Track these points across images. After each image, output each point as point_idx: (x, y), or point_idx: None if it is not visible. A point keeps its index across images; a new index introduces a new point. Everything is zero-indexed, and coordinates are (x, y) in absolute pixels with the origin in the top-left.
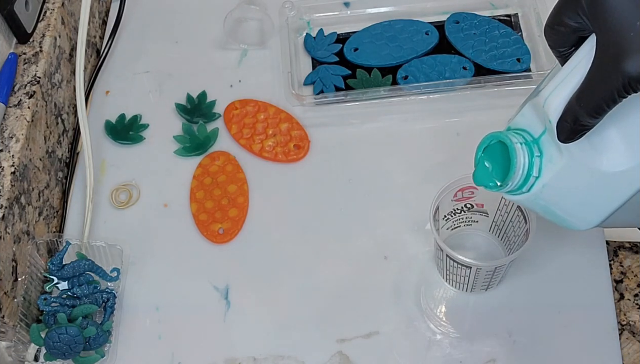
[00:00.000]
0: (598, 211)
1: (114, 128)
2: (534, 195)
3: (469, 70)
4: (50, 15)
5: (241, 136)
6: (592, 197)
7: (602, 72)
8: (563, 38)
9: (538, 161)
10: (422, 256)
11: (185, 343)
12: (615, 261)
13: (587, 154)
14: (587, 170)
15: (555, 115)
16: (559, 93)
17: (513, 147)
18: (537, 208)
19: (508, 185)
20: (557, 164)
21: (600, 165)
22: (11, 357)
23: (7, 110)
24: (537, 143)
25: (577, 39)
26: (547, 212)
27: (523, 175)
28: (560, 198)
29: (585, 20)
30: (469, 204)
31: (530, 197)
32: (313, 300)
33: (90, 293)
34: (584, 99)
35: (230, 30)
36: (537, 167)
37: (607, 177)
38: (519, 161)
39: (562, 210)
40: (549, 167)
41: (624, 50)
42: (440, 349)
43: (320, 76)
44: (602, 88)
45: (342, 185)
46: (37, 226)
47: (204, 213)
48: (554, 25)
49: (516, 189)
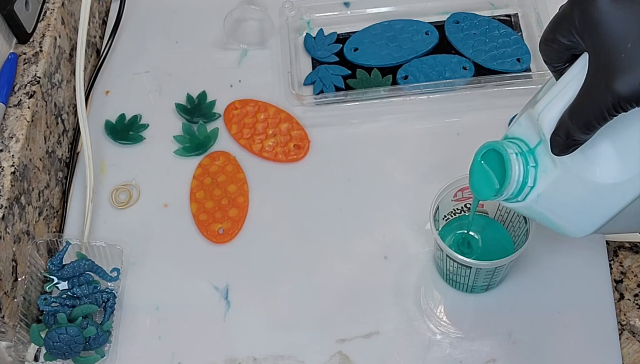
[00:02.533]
0: (592, 221)
1: (114, 128)
2: (529, 204)
3: (469, 70)
4: (50, 15)
5: (241, 136)
6: (586, 207)
7: (593, 90)
8: (557, 54)
9: (533, 171)
10: (422, 256)
11: (185, 343)
12: (615, 261)
13: (581, 166)
14: (581, 182)
15: (549, 129)
16: (552, 108)
17: (509, 157)
18: (532, 215)
19: (503, 194)
20: (551, 175)
21: (594, 177)
22: (11, 357)
23: (7, 110)
24: (532, 154)
25: (571, 56)
26: (543, 219)
27: (518, 184)
28: (555, 207)
29: (578, 39)
30: (469, 204)
31: (526, 206)
32: (313, 300)
33: (90, 293)
34: (576, 115)
35: (230, 30)
36: (532, 177)
37: (600, 189)
38: (514, 171)
39: (557, 218)
40: (544, 178)
41: (614, 70)
42: (440, 349)
43: (320, 76)
44: (593, 106)
45: (342, 185)
46: (37, 226)
47: (204, 213)
48: (548, 42)
49: (511, 198)
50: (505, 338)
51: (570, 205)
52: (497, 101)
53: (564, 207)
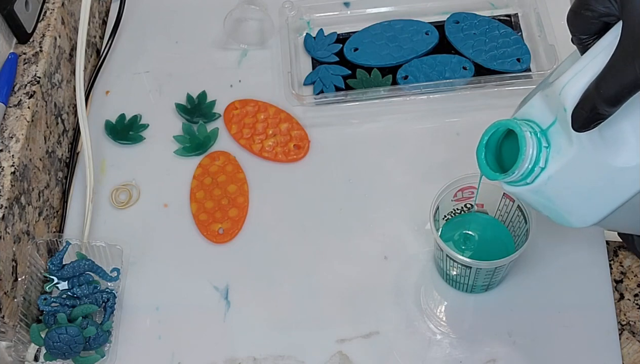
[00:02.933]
0: (598, 209)
1: (114, 128)
2: (536, 188)
3: (469, 70)
4: (50, 15)
5: (241, 136)
6: (595, 192)
7: (625, 57)
8: (587, 24)
9: (545, 152)
10: (422, 256)
11: (185, 343)
12: (615, 261)
13: (598, 147)
14: (595, 163)
15: (572, 102)
16: (578, 81)
17: (523, 134)
18: (535, 201)
19: (514, 174)
20: (565, 156)
21: (610, 159)
22: (11, 357)
23: (7, 110)
24: (545, 135)
25: (602, 26)
26: (545, 207)
27: (530, 163)
28: (563, 192)
29: (614, 5)
30: (469, 204)
31: (532, 189)
32: (313, 300)
33: (90, 293)
34: (604, 85)
35: (230, 30)
36: (544, 158)
37: (614, 172)
38: (528, 149)
39: (562, 205)
40: (557, 159)
41: None
42: (440, 349)
43: (320, 76)
44: (624, 75)
45: (342, 185)
46: (37, 226)
47: (204, 213)
48: (580, 10)
49: (520, 180)
50: (505, 338)
51: (580, 189)
52: (497, 101)
53: (573, 192)
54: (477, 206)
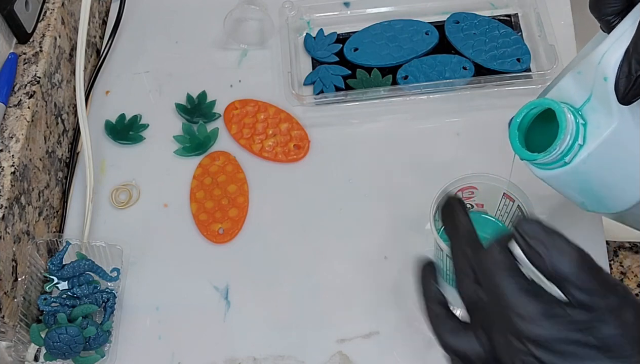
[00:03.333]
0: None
1: (114, 128)
2: (574, 168)
3: (469, 70)
4: (50, 15)
5: (241, 136)
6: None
7: None
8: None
9: (583, 129)
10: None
11: (185, 343)
12: (615, 261)
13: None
14: (638, 135)
15: (613, 69)
16: (618, 47)
17: (561, 109)
18: (572, 185)
19: (554, 151)
20: (605, 130)
21: None
22: (11, 357)
23: (7, 110)
24: (579, 113)
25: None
26: (582, 191)
27: (571, 139)
28: (603, 169)
29: None
30: (469, 204)
31: (570, 170)
32: (313, 300)
33: (90, 293)
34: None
35: (230, 30)
36: (582, 135)
37: None
38: (568, 123)
39: (601, 185)
40: (595, 134)
41: None
42: (440, 349)
43: (320, 76)
44: None
45: (342, 185)
46: (37, 226)
47: (204, 213)
48: None
49: (558, 160)
50: None
51: (621, 166)
52: (497, 101)
53: (613, 169)
54: (477, 206)
